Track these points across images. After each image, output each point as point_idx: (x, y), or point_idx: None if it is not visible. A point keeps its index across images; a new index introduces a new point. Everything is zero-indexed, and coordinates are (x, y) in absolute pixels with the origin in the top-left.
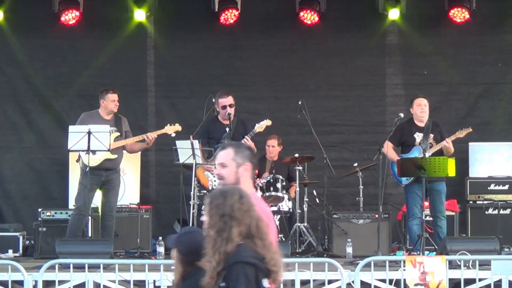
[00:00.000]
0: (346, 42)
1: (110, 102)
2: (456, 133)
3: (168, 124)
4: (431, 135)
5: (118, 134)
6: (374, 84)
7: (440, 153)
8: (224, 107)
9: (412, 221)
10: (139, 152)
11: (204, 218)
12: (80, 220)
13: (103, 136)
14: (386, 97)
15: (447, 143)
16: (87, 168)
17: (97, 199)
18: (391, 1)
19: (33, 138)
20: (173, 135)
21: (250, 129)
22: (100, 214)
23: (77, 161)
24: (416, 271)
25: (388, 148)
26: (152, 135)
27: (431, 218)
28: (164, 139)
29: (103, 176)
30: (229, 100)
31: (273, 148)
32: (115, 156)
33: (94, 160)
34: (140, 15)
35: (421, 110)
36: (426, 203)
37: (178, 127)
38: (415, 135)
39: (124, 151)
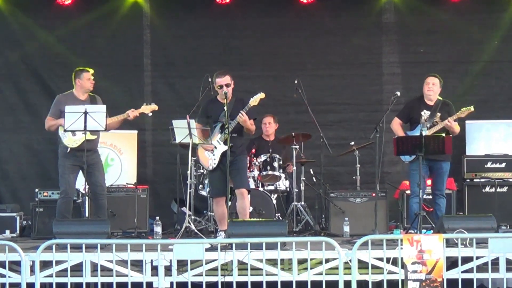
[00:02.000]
0: (343, 20)
1: (86, 81)
2: (458, 113)
3: (145, 104)
4: (438, 114)
5: None
6: (371, 62)
7: (446, 133)
8: (220, 87)
9: (413, 199)
10: (136, 132)
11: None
12: (67, 203)
13: (99, 116)
14: (383, 76)
15: (449, 122)
16: (68, 150)
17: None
18: None
19: (30, 119)
20: (150, 114)
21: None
22: (91, 194)
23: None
24: (414, 249)
25: (396, 124)
26: (136, 113)
27: (430, 196)
28: (160, 118)
29: (83, 156)
30: (226, 79)
31: (270, 125)
32: (94, 137)
33: (75, 141)
34: None
35: (428, 88)
36: (429, 181)
37: (154, 107)
38: (422, 113)
39: (113, 130)
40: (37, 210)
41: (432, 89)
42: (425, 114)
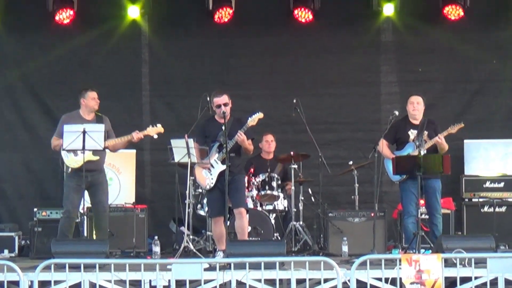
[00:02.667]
0: (341, 39)
1: (91, 100)
2: (448, 129)
3: (150, 126)
4: (425, 132)
5: None
6: (369, 81)
7: (434, 150)
8: (218, 106)
9: (408, 219)
10: (134, 152)
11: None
12: (70, 222)
13: (98, 135)
14: (381, 95)
15: (439, 139)
16: (69, 170)
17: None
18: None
19: (28, 137)
20: (155, 137)
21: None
22: (93, 214)
23: (62, 164)
24: (412, 269)
25: (383, 146)
26: (140, 135)
27: (427, 216)
28: (159, 138)
29: (88, 176)
30: (224, 99)
31: (272, 142)
32: (97, 158)
33: (76, 162)
34: (134, 11)
35: (413, 108)
36: (422, 201)
37: (160, 129)
38: (409, 132)
39: (107, 150)
40: (36, 230)
41: (417, 108)
42: (412, 133)
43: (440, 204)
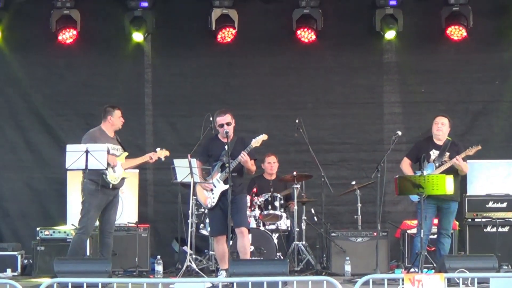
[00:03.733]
0: (344, 60)
1: (117, 119)
2: (466, 151)
3: (159, 148)
4: (447, 153)
5: (127, 153)
6: (371, 102)
7: (455, 171)
8: (221, 126)
9: (417, 237)
10: (137, 171)
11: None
12: (84, 240)
13: (100, 155)
14: (384, 115)
15: (457, 160)
16: (94, 187)
17: None
18: (388, 21)
19: (31, 157)
20: (163, 159)
21: (249, 145)
22: (99, 231)
23: (90, 179)
24: None
25: (405, 164)
26: (155, 156)
27: (434, 236)
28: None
29: (111, 195)
30: (226, 118)
31: (274, 164)
32: (128, 175)
33: (116, 178)
34: (138, 37)
35: (437, 128)
36: (435, 221)
37: (166, 152)
38: (431, 152)
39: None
40: (39, 249)
41: (441, 129)
42: (434, 153)
43: (452, 226)
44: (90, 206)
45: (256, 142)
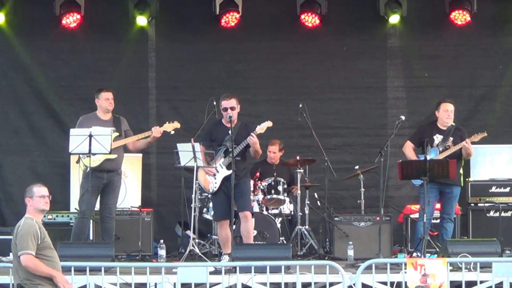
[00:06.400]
0: (347, 44)
1: (104, 101)
2: (471, 137)
3: (167, 122)
4: (450, 138)
5: (117, 134)
6: (375, 86)
7: (458, 156)
8: (225, 109)
9: (419, 222)
10: (141, 155)
11: None
12: (84, 224)
13: (104, 139)
14: (387, 100)
15: (467, 144)
16: (88, 169)
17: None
18: (392, 5)
19: (34, 141)
20: (172, 132)
21: (252, 131)
22: (100, 216)
23: (77, 162)
24: (417, 273)
25: (408, 148)
26: (161, 130)
27: (437, 221)
28: (165, 142)
29: (105, 178)
30: (231, 102)
31: (274, 154)
32: (114, 156)
33: (94, 161)
34: (142, 21)
35: (447, 116)
36: (438, 205)
37: (176, 124)
38: (435, 137)
39: (126, 153)
40: None
41: (451, 116)
42: (438, 138)
43: (454, 210)
44: (83, 189)
45: (261, 128)
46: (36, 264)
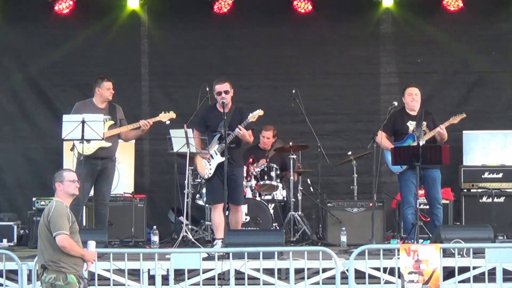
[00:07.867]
0: (340, 31)
1: (106, 90)
2: (450, 119)
3: (163, 112)
4: (424, 123)
5: (112, 122)
6: (368, 73)
7: (433, 141)
8: (219, 94)
9: (407, 209)
10: (133, 141)
11: None
12: (78, 211)
13: (97, 125)
14: (380, 86)
15: (441, 129)
16: (82, 157)
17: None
18: None
19: (27, 127)
20: (168, 122)
21: (246, 117)
22: (94, 202)
23: (72, 150)
24: (410, 259)
25: (382, 138)
26: (147, 122)
27: (426, 206)
28: (158, 128)
29: (99, 165)
30: (225, 86)
31: (268, 140)
32: (109, 145)
33: (88, 149)
34: (133, 2)
35: (411, 99)
36: (421, 191)
37: (172, 115)
38: (408, 124)
39: (120, 140)
40: (35, 219)
41: (416, 99)
42: (411, 124)
43: (441, 194)
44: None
45: (253, 117)
46: (71, 244)
